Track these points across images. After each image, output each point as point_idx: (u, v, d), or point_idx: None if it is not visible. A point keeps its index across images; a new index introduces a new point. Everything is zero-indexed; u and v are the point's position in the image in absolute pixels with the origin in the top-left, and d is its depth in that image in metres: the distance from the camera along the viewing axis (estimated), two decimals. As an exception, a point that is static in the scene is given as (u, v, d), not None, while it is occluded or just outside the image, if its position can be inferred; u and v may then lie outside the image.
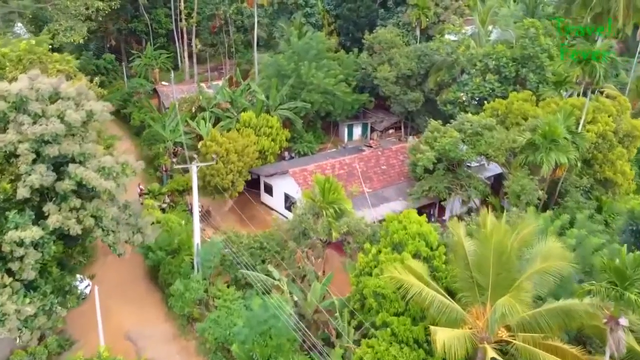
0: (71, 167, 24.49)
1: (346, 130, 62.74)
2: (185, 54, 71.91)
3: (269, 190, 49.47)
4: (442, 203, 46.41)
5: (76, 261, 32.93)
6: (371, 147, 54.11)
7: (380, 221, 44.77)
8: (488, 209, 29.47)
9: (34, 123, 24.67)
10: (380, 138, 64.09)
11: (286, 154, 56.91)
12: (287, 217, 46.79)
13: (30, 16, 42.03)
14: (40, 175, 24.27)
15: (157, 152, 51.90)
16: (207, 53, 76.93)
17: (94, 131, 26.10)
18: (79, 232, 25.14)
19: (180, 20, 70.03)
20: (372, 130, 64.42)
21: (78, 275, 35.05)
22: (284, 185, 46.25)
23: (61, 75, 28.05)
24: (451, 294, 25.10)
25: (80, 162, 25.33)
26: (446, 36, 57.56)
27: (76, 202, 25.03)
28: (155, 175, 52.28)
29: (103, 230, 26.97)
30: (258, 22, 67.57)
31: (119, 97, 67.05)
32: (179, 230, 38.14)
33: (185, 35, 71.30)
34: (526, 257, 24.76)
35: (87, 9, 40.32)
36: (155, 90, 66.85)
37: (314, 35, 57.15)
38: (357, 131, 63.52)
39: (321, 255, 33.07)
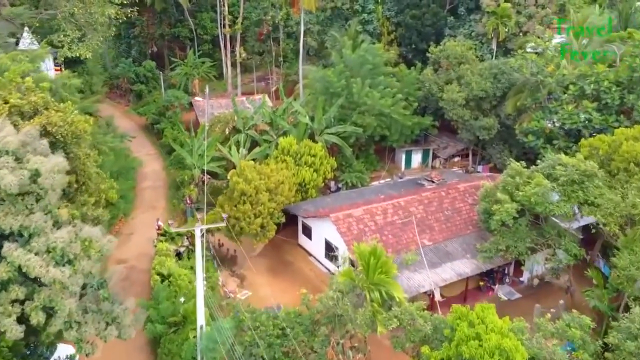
0: (6, 248, 17.41)
1: (404, 156, 54.08)
2: (229, 63, 65.14)
3: (307, 232, 41.57)
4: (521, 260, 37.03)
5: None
6: (432, 181, 45.21)
7: (443, 296, 36.37)
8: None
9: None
10: (444, 167, 55.10)
11: (332, 184, 48.98)
12: (327, 269, 38.91)
13: (37, 25, 36.16)
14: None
15: (183, 180, 44.97)
16: (253, 62, 69.99)
17: (56, 190, 18.87)
18: (20, 335, 18.03)
19: (224, 27, 63.24)
20: (434, 156, 55.48)
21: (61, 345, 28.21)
22: (325, 230, 38.17)
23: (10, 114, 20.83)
24: None
25: (29, 237, 18.18)
26: (528, 50, 48.02)
27: (20, 291, 17.97)
28: (180, 207, 45.41)
29: (65, 322, 19.78)
30: (308, 29, 59.91)
31: (154, 110, 61.10)
32: (188, 292, 30.74)
33: (229, 43, 64.52)
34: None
35: (102, 15, 33.82)
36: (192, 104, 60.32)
37: (370, 47, 48.82)
38: (417, 158, 54.73)
39: (363, 350, 24.77)
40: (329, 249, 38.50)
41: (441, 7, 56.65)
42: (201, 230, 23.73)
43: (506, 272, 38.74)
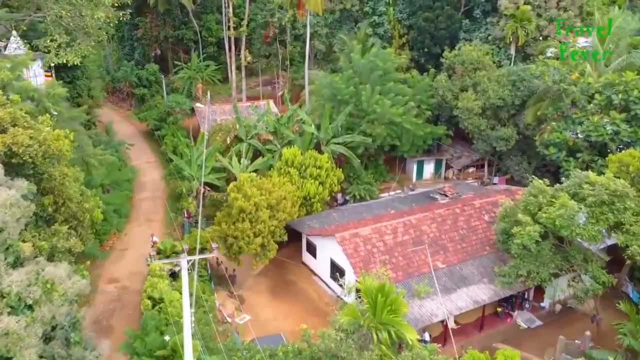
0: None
1: (415, 166, 51.22)
2: (233, 67, 62.60)
3: (311, 250, 38.94)
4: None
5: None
6: (446, 195, 42.32)
7: (457, 322, 33.56)
8: None
9: None
10: (457, 177, 52.21)
11: (339, 196, 46.30)
12: (332, 290, 36.25)
13: (24, 28, 33.80)
14: None
15: (181, 192, 42.46)
16: (259, 65, 67.40)
17: (19, 221, 16.36)
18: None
19: (228, 29, 60.70)
20: (447, 167, 52.58)
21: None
22: (331, 249, 35.48)
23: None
24: None
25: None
26: (548, 54, 45.11)
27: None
28: (177, 221, 42.94)
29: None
30: (315, 32, 57.19)
31: (155, 115, 58.74)
32: (177, 323, 28.11)
33: (234, 45, 61.99)
34: None
35: (92, 18, 31.30)
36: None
37: (381, 52, 46.07)
38: (429, 168, 51.85)
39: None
40: (335, 270, 35.85)
41: (456, 9, 53.66)
42: (188, 261, 21.09)
43: (526, 296, 35.88)
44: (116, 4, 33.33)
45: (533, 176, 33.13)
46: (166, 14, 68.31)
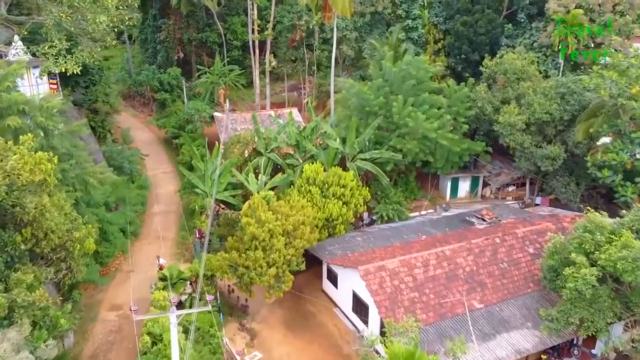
0: None
1: (449, 184, 47.01)
2: (257, 71, 59.39)
3: (332, 278, 35.29)
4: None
5: None
6: (484, 219, 38.12)
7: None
8: None
9: None
10: (495, 197, 47.81)
11: (365, 215, 42.60)
12: (354, 325, 32.55)
13: (25, 33, 31.15)
14: None
15: (194, 209, 39.34)
16: (284, 70, 64.05)
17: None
18: None
19: (252, 32, 57.51)
20: (485, 184, 48.22)
21: None
22: (353, 280, 31.73)
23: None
24: None
25: None
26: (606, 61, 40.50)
27: None
28: (189, 240, 39.87)
29: None
30: (344, 36, 53.48)
31: (174, 122, 56.03)
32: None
33: (258, 49, 58.79)
34: None
35: (94, 22, 28.33)
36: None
37: (414, 60, 42.08)
38: (464, 186, 47.58)
39: None
40: (357, 304, 32.13)
41: (497, 12, 49.19)
42: (177, 316, 17.69)
43: (575, 342, 31.42)
44: (121, 7, 30.31)
45: (588, 208, 28.75)
46: (190, 16, 65.68)
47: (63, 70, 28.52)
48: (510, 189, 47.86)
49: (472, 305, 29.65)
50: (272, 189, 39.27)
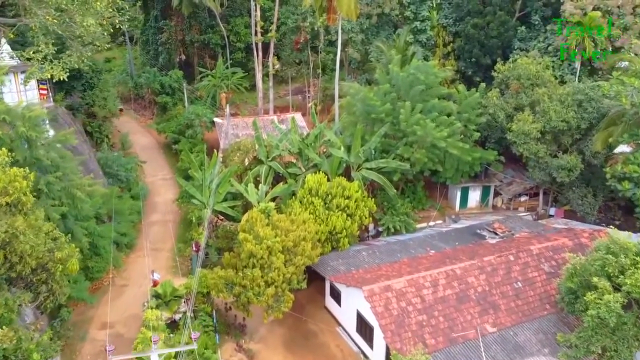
0: None
1: (459, 194, 45.01)
2: (260, 74, 57.62)
3: (335, 295, 33.42)
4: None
5: None
6: (496, 233, 36.17)
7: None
8: None
9: None
10: (507, 207, 45.80)
11: (371, 227, 40.75)
12: (358, 347, 30.65)
13: (11, 36, 29.46)
14: None
15: (191, 220, 37.58)
16: (289, 73, 62.24)
17: None
18: None
19: (255, 34, 55.72)
20: (496, 194, 46.18)
21: None
22: (357, 299, 29.79)
23: None
24: None
25: None
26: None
27: None
28: (186, 253, 38.11)
29: None
30: (349, 39, 51.58)
31: (174, 127, 54.29)
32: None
33: (261, 51, 57.03)
34: None
35: (81, 26, 26.55)
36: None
37: (423, 65, 40.07)
38: (475, 196, 45.56)
39: None
40: (362, 324, 30.24)
41: (510, 14, 47.11)
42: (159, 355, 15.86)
43: (594, 367, 29.40)
44: (111, 9, 28.54)
45: (611, 227, 26.71)
46: (192, 17, 64.05)
47: (49, 76, 26.82)
48: (523, 199, 45.82)
49: (484, 329, 27.71)
50: (273, 199, 37.46)
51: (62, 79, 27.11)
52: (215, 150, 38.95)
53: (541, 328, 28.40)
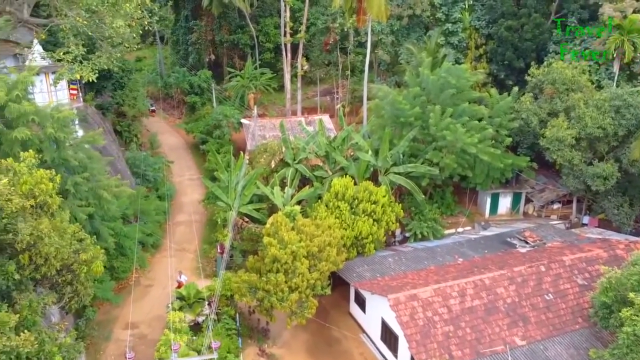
0: None
1: (489, 200, 44.00)
2: (288, 75, 57.39)
3: (360, 301, 32.92)
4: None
5: None
6: (526, 242, 35.18)
7: None
8: None
9: None
10: (538, 214, 44.57)
11: (398, 232, 40.06)
12: (382, 355, 30.10)
13: (43, 37, 29.82)
14: None
15: (216, 222, 37.53)
16: (317, 74, 61.90)
17: None
18: None
19: (284, 35, 55.53)
20: (527, 200, 45.01)
21: None
22: (382, 307, 29.24)
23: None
24: None
25: None
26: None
27: None
28: (211, 254, 38.09)
29: None
30: (379, 40, 50.95)
31: (202, 127, 54.45)
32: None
33: (289, 52, 56.79)
34: None
35: (110, 27, 26.63)
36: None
37: (454, 68, 39.22)
38: (505, 202, 44.47)
39: None
40: (386, 332, 29.67)
41: (545, 16, 45.83)
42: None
43: (629, 386, 28.24)
44: (141, 10, 28.60)
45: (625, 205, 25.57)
46: (222, 18, 64.25)
47: (78, 77, 26.99)
48: (555, 206, 44.53)
49: (513, 342, 26.87)
50: (298, 202, 37.15)
51: (91, 80, 27.23)
52: (242, 152, 38.79)
53: (573, 343, 27.39)
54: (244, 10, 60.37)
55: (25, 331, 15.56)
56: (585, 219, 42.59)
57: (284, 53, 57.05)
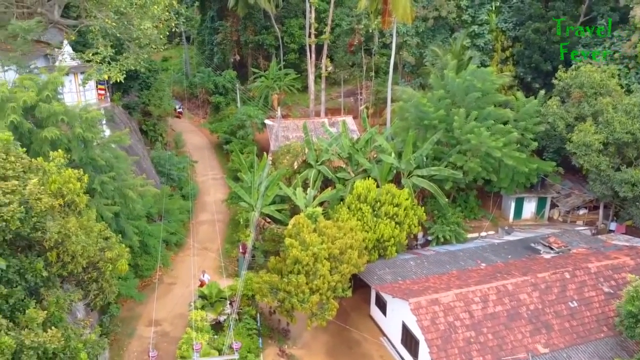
0: None
1: (513, 204, 43.48)
2: (312, 76, 57.52)
3: (381, 304, 32.86)
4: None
5: None
6: (551, 248, 34.71)
7: None
8: None
9: None
10: (564, 220, 43.88)
11: (420, 235, 39.91)
12: (402, 359, 29.98)
13: (73, 38, 30.46)
14: None
15: (239, 222, 37.82)
16: (341, 75, 61.92)
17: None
18: None
19: (309, 36, 55.67)
20: (553, 205, 44.36)
21: None
22: (403, 310, 29.18)
23: None
24: None
25: None
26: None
27: None
28: (233, 254, 38.40)
29: None
30: (404, 42, 50.77)
31: (225, 127, 54.91)
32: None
33: (314, 53, 56.92)
34: None
35: (138, 29, 27.08)
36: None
37: (480, 71, 38.85)
38: (530, 207, 43.90)
39: None
40: (407, 336, 29.55)
41: (574, 19, 45.11)
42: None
43: (655, 397, 27.68)
44: (168, 12, 29.02)
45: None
46: (247, 18, 64.67)
47: (106, 77, 27.51)
48: (581, 212, 43.78)
49: (535, 350, 26.53)
50: (320, 204, 37.24)
51: (119, 81, 27.72)
52: (265, 152, 39.02)
53: (597, 351, 26.94)
54: (269, 11, 60.70)
55: (52, 327, 15.93)
56: (612, 226, 41.77)
57: (308, 54, 57.22)
